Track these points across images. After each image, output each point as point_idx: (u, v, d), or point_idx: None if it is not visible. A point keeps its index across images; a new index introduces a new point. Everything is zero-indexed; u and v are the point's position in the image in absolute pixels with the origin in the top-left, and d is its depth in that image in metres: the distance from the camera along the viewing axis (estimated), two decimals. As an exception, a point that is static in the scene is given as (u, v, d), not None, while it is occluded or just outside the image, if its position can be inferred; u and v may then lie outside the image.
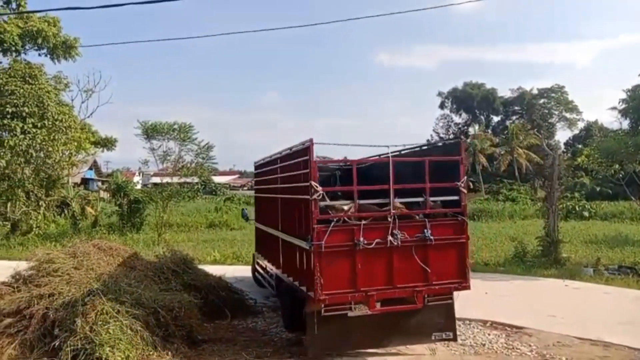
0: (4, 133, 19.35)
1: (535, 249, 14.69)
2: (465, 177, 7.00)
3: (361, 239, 6.43)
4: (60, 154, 20.88)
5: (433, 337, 7.12)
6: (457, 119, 72.37)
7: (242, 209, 17.91)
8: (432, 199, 6.84)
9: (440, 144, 7.48)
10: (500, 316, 8.74)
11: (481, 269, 13.46)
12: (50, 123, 20.00)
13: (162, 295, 7.67)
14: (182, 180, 22.28)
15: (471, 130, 64.47)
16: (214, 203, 38.81)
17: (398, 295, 6.71)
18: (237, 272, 12.57)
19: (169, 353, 6.90)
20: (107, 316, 6.48)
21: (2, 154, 18.92)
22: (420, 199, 6.86)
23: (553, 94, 65.98)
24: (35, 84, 19.92)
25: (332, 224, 6.41)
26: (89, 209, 25.96)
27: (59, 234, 21.70)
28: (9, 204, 22.16)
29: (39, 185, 22.63)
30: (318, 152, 6.65)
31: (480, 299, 10.13)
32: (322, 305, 6.38)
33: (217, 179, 60.46)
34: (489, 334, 8.03)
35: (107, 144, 31.16)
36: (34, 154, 19.81)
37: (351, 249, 6.44)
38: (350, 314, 6.61)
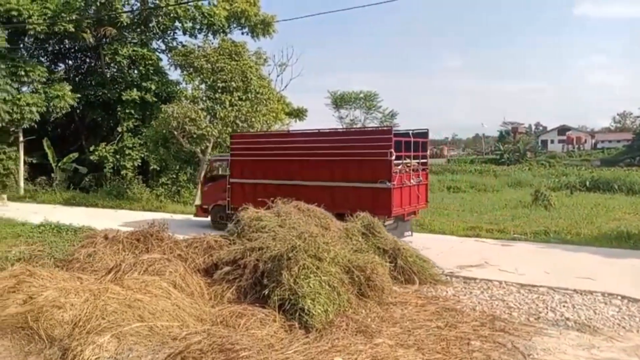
0: (216, 106, 21.87)
1: None
2: (428, 150, 13.68)
3: (405, 180, 12.33)
4: (261, 124, 22.92)
5: (405, 235, 12.62)
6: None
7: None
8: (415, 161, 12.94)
9: (414, 131, 12.99)
10: None
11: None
12: (252, 96, 22.10)
13: (355, 255, 8.04)
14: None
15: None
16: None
17: (410, 210, 12.87)
18: (420, 238, 12.78)
19: (363, 311, 7.22)
20: (308, 271, 6.99)
21: (215, 124, 21.48)
22: (416, 161, 12.98)
23: None
24: (240, 61, 22.06)
25: (398, 173, 11.94)
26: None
27: (260, 196, 24.03)
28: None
29: (243, 153, 25.22)
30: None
31: None
32: (387, 217, 11.77)
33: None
34: None
35: (299, 114, 33.29)
36: (240, 124, 22.06)
37: (401, 186, 12.22)
38: (387, 221, 11.73)
